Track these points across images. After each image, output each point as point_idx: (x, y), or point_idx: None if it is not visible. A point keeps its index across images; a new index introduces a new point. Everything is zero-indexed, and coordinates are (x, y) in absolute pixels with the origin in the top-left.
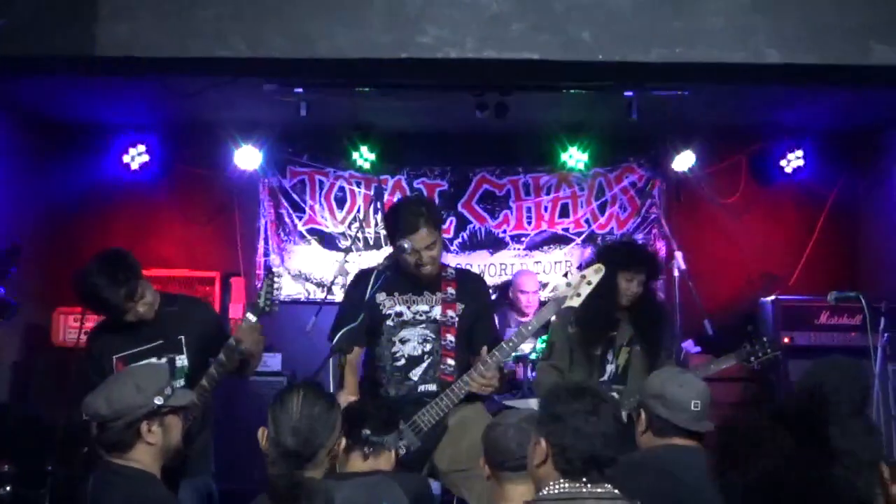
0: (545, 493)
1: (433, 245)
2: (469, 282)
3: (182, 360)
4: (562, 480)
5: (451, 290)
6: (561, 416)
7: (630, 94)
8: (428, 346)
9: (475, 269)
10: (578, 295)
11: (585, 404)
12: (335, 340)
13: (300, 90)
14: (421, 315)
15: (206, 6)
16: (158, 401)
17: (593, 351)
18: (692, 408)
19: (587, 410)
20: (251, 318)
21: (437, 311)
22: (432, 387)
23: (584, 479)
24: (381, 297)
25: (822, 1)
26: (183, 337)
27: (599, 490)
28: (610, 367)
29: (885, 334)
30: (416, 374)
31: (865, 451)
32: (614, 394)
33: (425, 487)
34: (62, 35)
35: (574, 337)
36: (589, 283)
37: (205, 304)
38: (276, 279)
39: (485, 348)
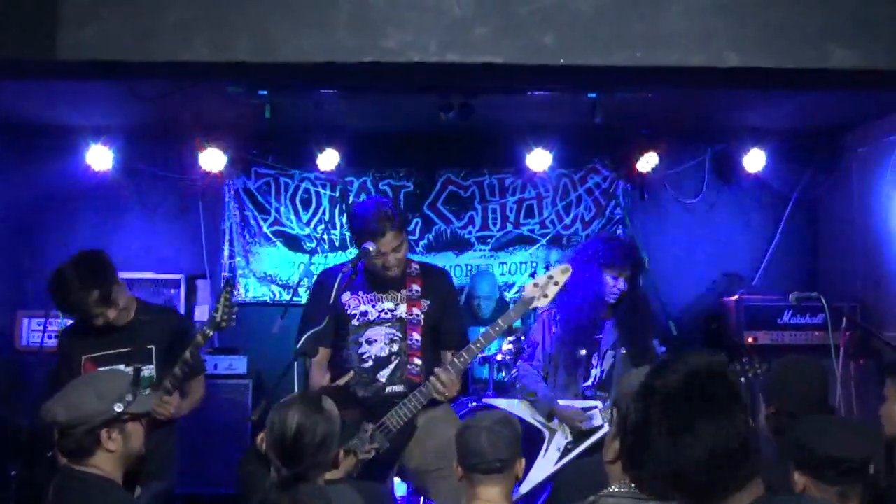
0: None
1: (399, 247)
2: (434, 277)
3: (150, 370)
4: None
5: (416, 287)
6: None
7: (594, 95)
8: (395, 347)
9: None
10: (546, 296)
11: None
12: (299, 344)
13: (264, 92)
14: (386, 313)
15: (169, 10)
16: (118, 408)
17: (578, 355)
18: None
19: None
20: (209, 332)
21: (402, 310)
22: (400, 388)
23: None
24: (345, 296)
25: (782, 4)
26: (153, 346)
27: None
28: (595, 372)
29: (847, 333)
30: (383, 375)
31: None
32: (598, 401)
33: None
34: (23, 39)
35: (558, 340)
36: (556, 283)
37: (179, 316)
38: (232, 291)
39: (449, 354)
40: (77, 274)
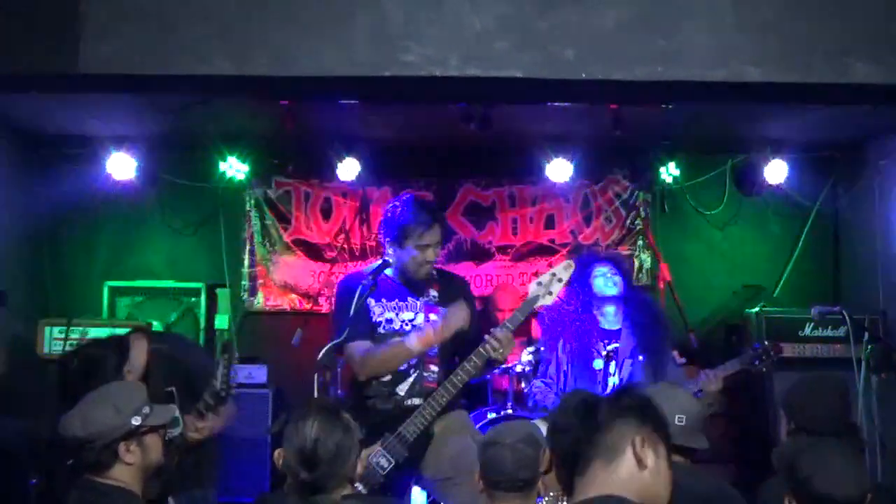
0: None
1: (439, 243)
2: (452, 284)
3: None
4: None
5: (433, 293)
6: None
7: (614, 106)
8: (413, 360)
9: None
10: (550, 293)
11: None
12: (320, 356)
13: (285, 103)
14: (407, 324)
15: (190, 24)
16: (136, 421)
17: (593, 365)
18: (676, 422)
19: None
20: (210, 401)
21: (420, 319)
22: (418, 400)
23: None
24: (370, 302)
25: (803, 20)
26: (173, 389)
27: None
28: (613, 381)
29: (869, 346)
30: (402, 388)
31: None
32: None
33: None
34: (46, 53)
35: (569, 353)
36: (560, 280)
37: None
38: (231, 355)
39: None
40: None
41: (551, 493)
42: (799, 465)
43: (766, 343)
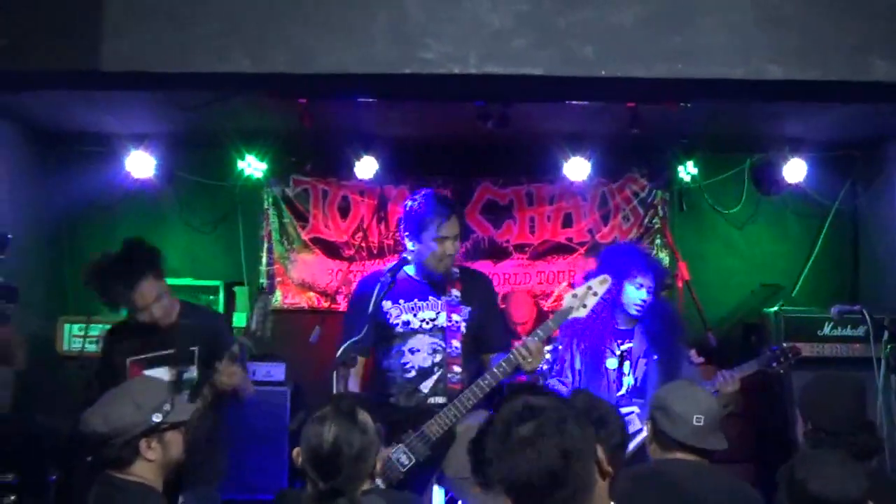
0: None
1: (458, 236)
2: (474, 281)
3: (192, 371)
4: None
5: (455, 293)
6: None
7: (632, 105)
8: (438, 357)
9: None
10: (584, 306)
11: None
12: (339, 354)
13: (303, 101)
14: (428, 323)
15: (208, 22)
16: (157, 418)
17: (606, 364)
18: (694, 422)
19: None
20: (245, 341)
21: (442, 318)
22: (441, 399)
23: None
24: (386, 304)
25: (824, 17)
26: (196, 348)
27: None
28: (627, 381)
29: (889, 346)
30: (426, 386)
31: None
32: (635, 407)
33: None
34: (65, 51)
35: (583, 353)
36: (595, 294)
37: (221, 316)
38: (267, 299)
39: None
40: (116, 256)
41: None
42: (795, 470)
43: (785, 345)
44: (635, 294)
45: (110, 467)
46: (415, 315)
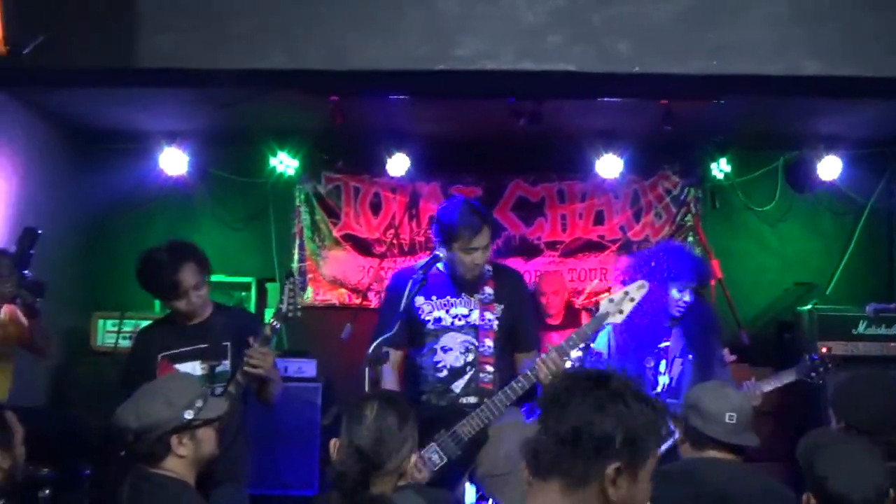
0: None
1: (487, 246)
2: (507, 279)
3: (225, 365)
4: None
5: (488, 290)
6: None
7: (665, 102)
8: (470, 357)
9: None
10: (621, 311)
11: None
12: (370, 350)
13: (336, 99)
14: (460, 319)
15: (244, 19)
16: (188, 415)
17: (644, 363)
18: (727, 420)
19: None
20: (276, 324)
21: (475, 316)
22: (473, 399)
23: None
24: (419, 300)
25: (861, 13)
26: (228, 343)
27: None
28: (663, 380)
29: None
30: (458, 386)
31: None
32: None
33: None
34: (101, 47)
35: (621, 351)
36: (632, 299)
37: (253, 316)
38: (295, 282)
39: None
40: (172, 249)
41: None
42: (815, 465)
43: (824, 352)
44: (678, 296)
45: (143, 462)
46: (447, 311)
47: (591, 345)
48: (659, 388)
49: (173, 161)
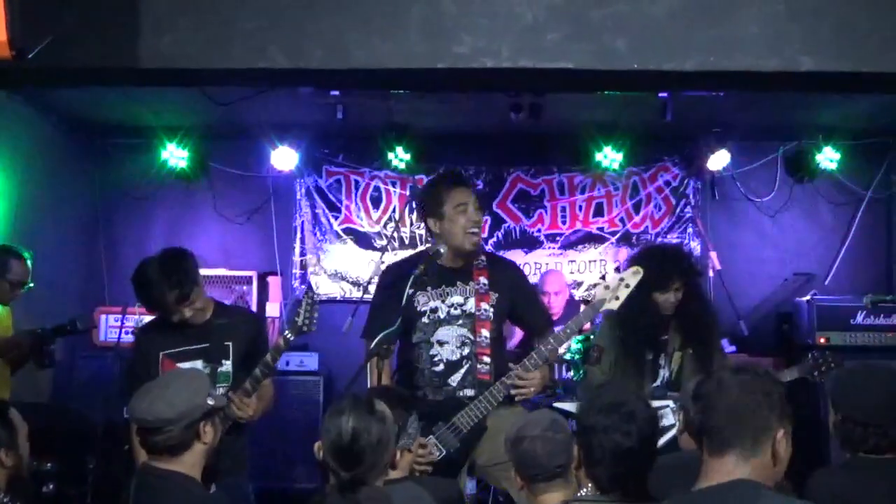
0: (581, 494)
1: (479, 206)
2: (501, 268)
3: (227, 366)
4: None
5: (483, 280)
6: (593, 427)
7: (664, 94)
8: (466, 350)
9: None
10: (617, 298)
11: (615, 420)
12: (373, 344)
13: (336, 93)
14: (456, 308)
15: (245, 18)
16: (210, 401)
17: (643, 357)
18: None
19: (617, 428)
20: (290, 337)
21: (471, 304)
22: (470, 391)
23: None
24: (414, 292)
25: (857, 9)
26: (231, 343)
27: None
28: (663, 373)
29: None
30: (454, 379)
31: None
32: (669, 401)
33: (452, 491)
34: (106, 47)
35: (621, 343)
36: (627, 285)
37: (255, 317)
38: (315, 297)
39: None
40: (161, 271)
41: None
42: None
43: (827, 353)
44: (664, 298)
45: (165, 454)
46: (443, 301)
47: (592, 336)
48: (658, 381)
49: (175, 156)
